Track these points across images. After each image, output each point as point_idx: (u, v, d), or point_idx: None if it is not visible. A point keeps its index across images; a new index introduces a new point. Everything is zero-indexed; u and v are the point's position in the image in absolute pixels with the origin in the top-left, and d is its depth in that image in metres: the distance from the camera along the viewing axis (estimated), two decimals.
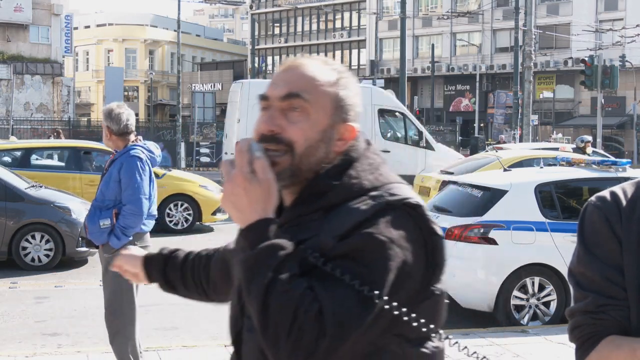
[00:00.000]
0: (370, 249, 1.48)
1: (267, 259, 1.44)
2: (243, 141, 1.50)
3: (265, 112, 1.61)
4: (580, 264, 1.60)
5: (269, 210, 1.48)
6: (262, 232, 1.46)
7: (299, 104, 1.57)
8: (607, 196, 1.62)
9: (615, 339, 1.52)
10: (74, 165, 13.50)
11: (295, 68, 1.61)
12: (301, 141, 1.56)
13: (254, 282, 1.44)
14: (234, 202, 1.48)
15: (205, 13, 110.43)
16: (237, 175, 1.47)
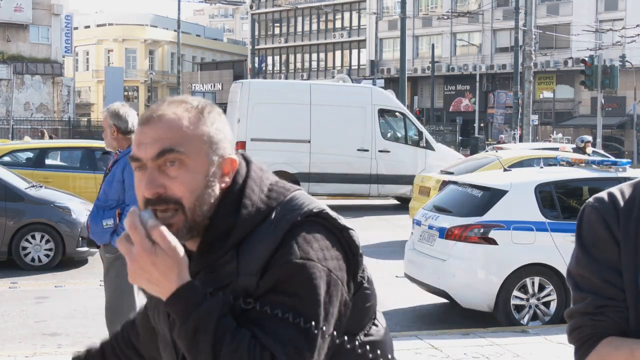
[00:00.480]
0: (292, 276, 1.46)
1: (204, 324, 1.42)
2: (131, 215, 1.44)
3: (141, 172, 1.52)
4: (579, 265, 1.60)
5: (183, 274, 1.45)
6: (188, 299, 1.43)
7: (174, 157, 1.50)
8: (604, 197, 1.62)
9: (614, 340, 1.52)
10: (88, 166, 13.52)
11: (158, 120, 1.52)
12: (187, 195, 1.50)
13: (199, 352, 1.43)
14: (147, 279, 1.44)
15: (205, 13, 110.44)
16: (139, 253, 1.42)
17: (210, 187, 1.53)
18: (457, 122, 43.29)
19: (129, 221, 1.43)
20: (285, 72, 64.53)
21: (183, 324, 1.43)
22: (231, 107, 18.41)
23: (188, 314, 1.43)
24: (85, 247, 10.25)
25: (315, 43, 62.71)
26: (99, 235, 4.93)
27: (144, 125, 1.54)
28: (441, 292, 7.67)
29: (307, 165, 17.82)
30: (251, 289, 1.48)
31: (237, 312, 1.47)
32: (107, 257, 4.96)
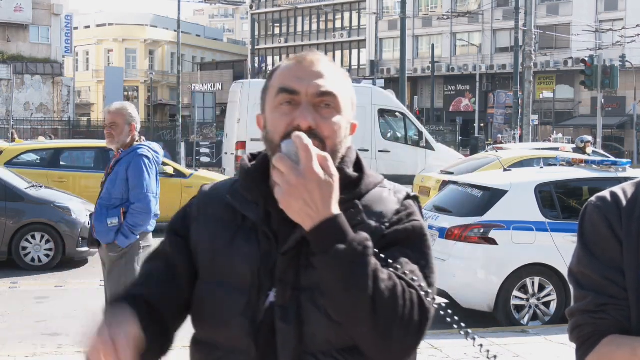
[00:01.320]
0: (418, 234, 1.61)
1: (364, 250, 1.45)
2: (303, 137, 1.46)
3: (289, 107, 1.59)
4: (581, 263, 1.60)
5: (337, 205, 1.48)
6: (343, 226, 1.46)
7: (332, 101, 1.59)
8: (607, 196, 1.62)
9: (616, 338, 1.52)
10: (102, 166, 13.52)
11: (318, 63, 1.62)
12: (333, 137, 1.58)
13: (355, 276, 1.43)
14: (305, 199, 1.43)
15: (205, 13, 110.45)
16: (311, 171, 1.43)
17: (345, 138, 1.63)
18: (457, 122, 43.27)
19: (302, 142, 1.45)
20: None
21: (340, 247, 1.44)
22: (231, 107, 18.40)
23: (344, 238, 1.45)
24: (85, 247, 10.25)
25: (315, 43, 62.70)
26: (103, 234, 4.93)
27: (304, 64, 1.62)
28: (441, 292, 7.67)
29: None
30: (376, 236, 1.55)
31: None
32: (111, 256, 4.96)
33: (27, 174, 11.95)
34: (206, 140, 30.14)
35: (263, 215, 1.61)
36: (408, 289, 1.48)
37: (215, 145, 29.10)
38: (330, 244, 1.44)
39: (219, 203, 1.69)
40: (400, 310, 1.46)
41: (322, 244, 1.45)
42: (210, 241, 1.65)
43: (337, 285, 1.45)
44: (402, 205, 1.63)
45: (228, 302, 1.59)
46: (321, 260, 1.46)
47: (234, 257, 1.61)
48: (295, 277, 1.55)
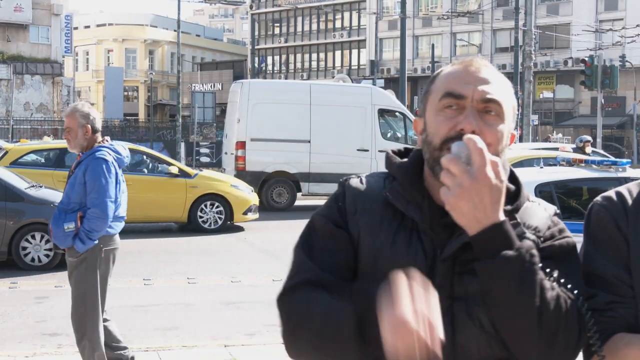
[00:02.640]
0: (569, 251, 1.60)
1: (531, 258, 1.45)
2: (477, 140, 1.44)
3: (451, 111, 1.57)
4: (587, 262, 1.62)
5: (502, 211, 1.47)
6: (510, 232, 1.45)
7: (496, 108, 1.57)
8: (612, 196, 1.64)
9: (624, 336, 1.53)
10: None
11: (486, 69, 1.62)
12: (495, 144, 1.55)
13: (524, 283, 1.43)
14: (475, 203, 1.42)
15: (205, 13, 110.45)
16: (484, 175, 1.42)
17: (505, 147, 1.61)
18: None
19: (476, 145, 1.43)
20: (285, 72, 64.53)
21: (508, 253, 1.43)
22: (231, 107, 18.41)
23: (512, 244, 1.44)
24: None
25: (315, 43, 62.71)
26: (61, 239, 4.82)
27: (470, 68, 1.61)
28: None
29: (307, 165, 17.82)
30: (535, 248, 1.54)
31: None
32: (70, 260, 4.88)
33: (32, 174, 11.96)
34: (206, 140, 30.15)
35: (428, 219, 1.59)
36: (569, 300, 1.49)
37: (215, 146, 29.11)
38: (498, 249, 1.43)
39: (376, 198, 1.65)
40: (563, 319, 1.46)
41: (489, 249, 1.44)
42: (371, 239, 1.62)
43: (505, 292, 1.44)
44: (552, 221, 1.63)
45: None
46: (487, 266, 1.44)
47: (396, 255, 1.58)
48: (450, 285, 1.54)
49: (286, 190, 17.85)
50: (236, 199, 13.90)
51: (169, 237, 13.65)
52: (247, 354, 6.13)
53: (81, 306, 4.87)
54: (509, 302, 1.44)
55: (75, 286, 4.88)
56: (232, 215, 13.88)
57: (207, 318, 7.52)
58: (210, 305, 8.13)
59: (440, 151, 1.53)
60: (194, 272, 9.96)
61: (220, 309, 7.94)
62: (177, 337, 6.89)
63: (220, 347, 6.30)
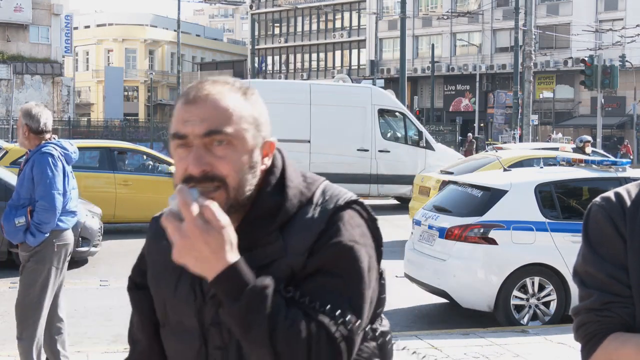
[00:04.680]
0: (341, 258, 1.50)
1: (257, 304, 1.40)
2: (181, 192, 1.41)
3: (184, 150, 1.52)
4: (585, 263, 1.62)
5: (233, 252, 1.42)
6: (239, 277, 1.41)
7: (222, 138, 1.50)
8: (611, 197, 1.65)
9: (621, 335, 1.54)
10: (107, 165, 13.53)
11: (205, 100, 1.52)
12: (233, 174, 1.50)
13: (252, 332, 1.41)
14: (196, 257, 1.40)
15: (205, 13, 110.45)
16: (192, 229, 1.38)
17: (254, 167, 1.54)
18: (457, 122, 43.26)
19: (180, 198, 1.40)
20: (285, 72, 64.54)
21: (234, 302, 1.40)
22: None
23: (239, 292, 1.40)
24: (85, 247, 10.26)
25: (315, 43, 62.72)
26: (12, 234, 4.92)
27: (189, 104, 1.53)
28: (441, 292, 7.67)
29: (307, 165, 17.81)
30: (297, 268, 1.50)
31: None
32: (22, 255, 4.97)
33: None
34: None
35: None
36: (315, 329, 1.42)
37: None
38: (227, 296, 1.41)
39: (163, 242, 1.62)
40: (304, 355, 1.42)
41: (222, 296, 1.42)
42: (159, 289, 1.66)
43: (240, 335, 1.44)
44: (328, 224, 1.52)
45: (182, 350, 1.62)
46: (223, 311, 1.45)
47: (180, 302, 1.60)
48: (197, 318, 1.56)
49: None
50: None
51: None
52: None
53: (27, 299, 4.97)
54: (245, 343, 1.45)
55: (24, 279, 4.97)
56: None
57: None
58: None
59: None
60: None
61: None
62: None
63: None
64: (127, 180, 13.43)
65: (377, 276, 1.60)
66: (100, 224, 10.73)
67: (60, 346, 5.23)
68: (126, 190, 13.30)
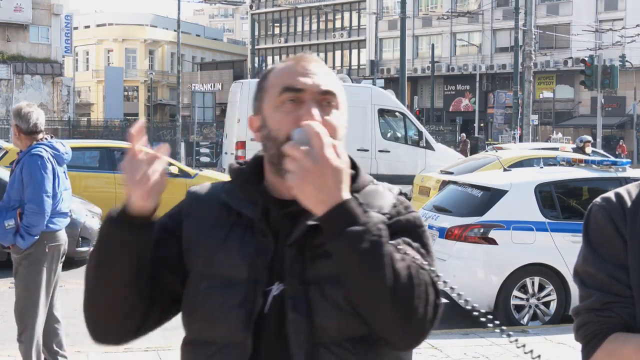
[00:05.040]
0: (417, 225, 1.64)
1: (380, 231, 1.47)
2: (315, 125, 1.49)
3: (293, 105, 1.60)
4: (586, 263, 1.63)
5: (348, 191, 1.49)
6: (358, 209, 1.48)
7: (332, 99, 1.65)
8: (611, 197, 1.65)
9: (621, 335, 1.54)
10: (107, 165, 13.55)
11: (318, 63, 1.66)
12: (334, 133, 1.60)
13: (374, 257, 1.45)
14: (318, 184, 1.45)
15: (205, 13, 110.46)
16: (323, 156, 1.45)
17: (343, 136, 1.68)
18: (457, 122, 43.28)
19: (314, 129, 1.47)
20: None
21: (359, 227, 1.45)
22: (231, 107, 18.41)
23: (358, 220, 1.46)
24: (85, 247, 10.26)
25: (315, 43, 62.71)
26: (2, 237, 4.88)
27: (302, 61, 1.65)
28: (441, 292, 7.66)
29: None
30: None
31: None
32: (14, 257, 4.94)
33: None
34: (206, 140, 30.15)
35: (260, 212, 1.61)
36: (421, 270, 1.51)
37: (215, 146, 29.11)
38: (346, 226, 1.45)
39: (211, 202, 1.69)
40: (417, 289, 1.49)
41: (337, 227, 1.45)
42: (203, 238, 1.65)
43: (356, 267, 1.46)
44: (397, 199, 1.66)
45: (224, 297, 1.59)
46: (337, 244, 1.46)
47: (229, 253, 1.61)
48: (300, 270, 1.55)
49: None
50: None
51: None
52: None
53: (23, 301, 4.95)
54: (361, 276, 1.46)
55: (19, 282, 4.95)
56: None
57: None
58: None
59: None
60: None
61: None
62: (177, 336, 6.87)
63: None
64: None
65: None
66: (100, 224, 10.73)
67: (58, 346, 5.24)
68: None
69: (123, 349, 6.42)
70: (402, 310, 1.47)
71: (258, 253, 1.58)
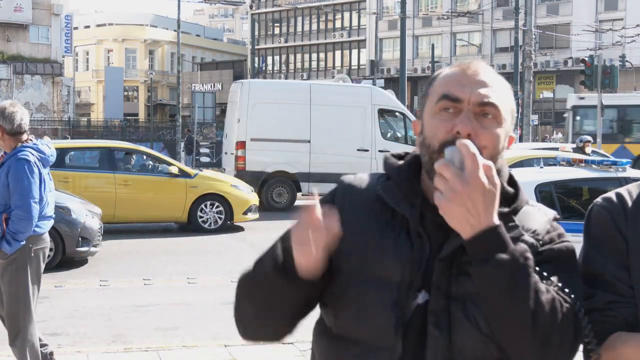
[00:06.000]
0: (568, 255, 1.61)
1: (525, 262, 1.45)
2: (470, 144, 1.45)
3: (447, 114, 1.57)
4: (587, 263, 1.63)
5: (497, 215, 1.46)
6: (504, 236, 1.45)
7: (492, 111, 1.57)
8: (612, 197, 1.65)
9: (623, 335, 1.54)
10: (107, 165, 13.56)
11: (483, 72, 1.61)
12: (490, 147, 1.55)
13: (518, 287, 1.43)
14: (468, 207, 1.42)
15: (205, 13, 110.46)
16: (475, 178, 1.42)
17: (502, 151, 1.61)
18: None
19: (468, 149, 1.44)
20: (285, 72, 64.54)
21: (501, 257, 1.43)
22: (231, 107, 18.42)
23: (505, 248, 1.44)
24: (85, 247, 10.27)
25: (315, 43, 62.71)
26: None
27: (467, 70, 1.61)
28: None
29: (307, 165, 17.82)
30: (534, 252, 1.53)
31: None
32: (0, 262, 4.86)
33: None
34: (206, 140, 30.14)
35: (418, 215, 1.58)
36: (565, 303, 1.48)
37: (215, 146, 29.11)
38: (492, 253, 1.43)
39: (367, 195, 1.67)
40: (558, 323, 1.46)
41: (483, 253, 1.44)
42: (360, 233, 1.61)
43: (499, 296, 1.44)
44: (552, 225, 1.64)
45: (376, 297, 1.57)
46: (481, 269, 1.45)
47: (385, 252, 1.57)
48: (447, 285, 1.53)
49: (286, 190, 17.85)
50: (236, 199, 13.91)
51: (169, 237, 13.65)
52: (247, 354, 6.13)
53: (14, 305, 4.87)
54: (503, 304, 1.44)
55: (8, 286, 4.86)
56: (232, 215, 13.89)
57: (207, 318, 7.52)
58: (210, 305, 8.13)
59: (439, 154, 1.53)
60: (194, 272, 9.96)
61: (220, 309, 7.93)
62: (177, 337, 6.89)
63: (221, 347, 6.30)
64: (127, 180, 13.44)
65: None
66: (100, 224, 10.73)
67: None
68: (126, 190, 13.32)
69: (123, 348, 6.42)
70: (540, 342, 1.45)
71: (413, 257, 1.56)
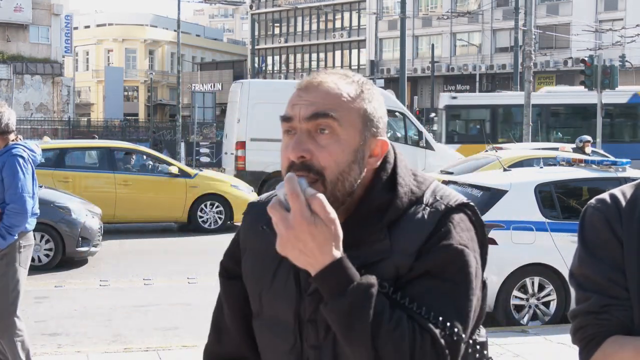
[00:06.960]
0: (450, 262, 1.45)
1: (361, 302, 1.36)
2: (290, 181, 1.36)
3: (289, 137, 1.47)
4: (582, 265, 1.61)
5: (338, 248, 1.37)
6: (343, 274, 1.36)
7: (327, 124, 1.45)
8: (606, 198, 1.63)
9: (619, 338, 1.53)
10: (107, 165, 13.58)
11: (317, 86, 1.49)
12: (332, 166, 1.45)
13: (355, 331, 1.36)
14: (300, 249, 1.35)
15: (205, 13, 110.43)
16: (298, 221, 1.33)
17: (356, 163, 1.48)
18: None
19: (289, 187, 1.35)
20: (285, 72, 64.54)
21: (338, 298, 1.36)
22: (231, 107, 18.41)
23: (344, 288, 1.36)
24: (85, 247, 10.27)
25: (315, 43, 62.71)
26: None
27: (301, 90, 1.50)
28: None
29: None
30: (403, 269, 1.45)
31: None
32: None
33: None
34: (206, 140, 30.14)
35: None
36: (419, 333, 1.38)
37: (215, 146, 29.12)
38: (329, 293, 1.37)
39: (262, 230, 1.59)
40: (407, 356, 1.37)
41: (326, 293, 1.38)
42: (255, 278, 1.60)
43: (341, 338, 1.40)
44: (438, 225, 1.48)
45: (275, 344, 1.57)
46: (323, 308, 1.40)
47: (276, 297, 1.55)
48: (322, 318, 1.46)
49: None
50: (236, 199, 13.91)
51: (169, 237, 13.65)
52: None
53: (4, 300, 4.89)
54: (344, 343, 1.40)
55: None
56: (232, 215, 13.89)
57: (207, 318, 7.49)
58: (211, 305, 8.10)
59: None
60: (194, 272, 9.96)
61: None
62: (177, 337, 6.89)
63: None
64: (127, 180, 13.45)
65: (481, 285, 1.53)
66: (100, 224, 10.73)
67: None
68: (126, 190, 13.33)
69: (123, 348, 6.42)
70: None
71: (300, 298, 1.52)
